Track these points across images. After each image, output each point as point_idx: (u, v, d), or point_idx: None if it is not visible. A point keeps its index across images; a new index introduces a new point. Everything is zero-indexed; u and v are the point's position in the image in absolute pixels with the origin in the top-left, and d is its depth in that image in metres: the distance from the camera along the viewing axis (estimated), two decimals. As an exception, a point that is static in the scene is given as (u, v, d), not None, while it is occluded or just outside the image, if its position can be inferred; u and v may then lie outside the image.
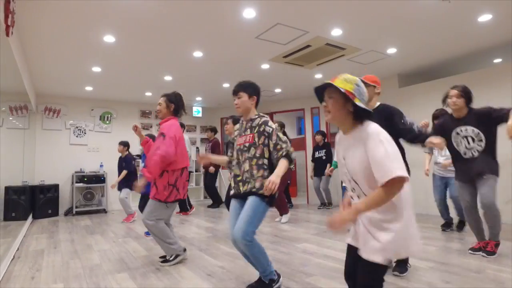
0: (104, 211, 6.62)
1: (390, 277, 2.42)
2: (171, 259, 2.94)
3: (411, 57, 4.85)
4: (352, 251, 1.38)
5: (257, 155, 2.14)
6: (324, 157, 6.18)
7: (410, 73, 5.63)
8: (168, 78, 5.53)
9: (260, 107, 2.37)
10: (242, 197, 2.20)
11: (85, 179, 6.48)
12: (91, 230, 4.70)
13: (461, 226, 3.93)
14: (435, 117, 3.89)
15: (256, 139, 2.16)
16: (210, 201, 7.28)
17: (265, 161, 2.14)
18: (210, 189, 6.86)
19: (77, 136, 6.79)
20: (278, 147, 2.12)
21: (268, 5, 3.14)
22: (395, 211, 1.27)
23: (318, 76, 5.64)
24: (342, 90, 1.32)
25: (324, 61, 4.85)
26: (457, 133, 2.88)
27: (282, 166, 2.09)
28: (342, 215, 1.26)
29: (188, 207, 6.00)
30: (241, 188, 2.20)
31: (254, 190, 2.11)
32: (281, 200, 5.02)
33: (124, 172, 5.34)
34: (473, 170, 2.81)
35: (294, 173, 8.13)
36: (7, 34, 2.54)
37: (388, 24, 3.66)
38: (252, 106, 2.26)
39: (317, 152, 6.30)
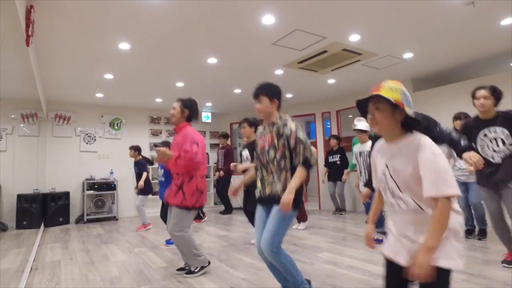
0: (115, 218, 6.57)
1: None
2: (196, 270, 2.88)
3: (426, 62, 4.78)
4: (395, 267, 1.30)
5: (278, 157, 2.07)
6: (338, 162, 6.10)
7: (425, 77, 5.56)
8: (179, 84, 5.49)
9: None
10: (266, 202, 2.14)
11: (96, 186, 6.43)
12: (104, 240, 4.64)
13: (482, 233, 3.83)
14: (456, 118, 3.80)
15: (276, 141, 2.09)
16: (220, 208, 7.22)
17: (288, 163, 2.06)
18: (223, 196, 6.80)
19: (87, 143, 6.76)
20: (296, 151, 2.05)
21: (288, 11, 3.09)
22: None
23: (331, 81, 5.59)
24: (392, 101, 1.25)
25: (339, 67, 4.79)
26: (485, 135, 2.73)
27: (297, 177, 2.02)
28: (422, 263, 1.15)
29: (202, 215, 5.93)
30: (266, 190, 2.13)
31: (278, 195, 2.04)
32: (301, 210, 4.93)
33: (144, 174, 5.21)
34: (497, 175, 2.69)
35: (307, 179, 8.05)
36: (27, 44, 2.50)
37: (407, 29, 3.60)
38: (274, 110, 2.17)
39: (331, 156, 6.21)
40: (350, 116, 7.49)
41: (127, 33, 3.48)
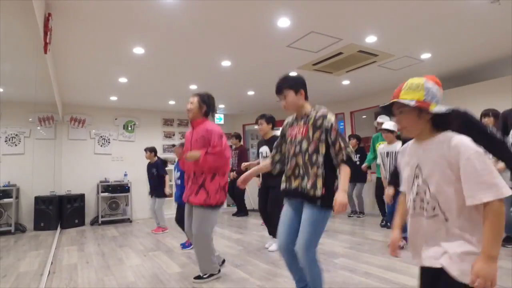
0: (129, 220, 6.63)
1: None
2: (204, 276, 2.84)
3: (445, 62, 4.66)
4: (430, 273, 1.19)
5: (310, 150, 1.90)
6: (358, 162, 5.95)
7: (443, 77, 5.38)
8: (193, 86, 5.49)
9: (283, 114, 2.15)
10: (294, 196, 1.99)
11: (110, 188, 6.50)
12: (119, 242, 4.67)
13: (508, 241, 3.68)
14: (484, 115, 3.62)
15: (310, 133, 1.91)
16: (233, 209, 7.20)
17: (320, 158, 1.89)
18: (239, 197, 6.75)
19: (101, 146, 6.84)
20: (337, 147, 1.87)
21: (304, 13, 3.05)
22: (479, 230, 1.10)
23: (346, 82, 5.50)
24: (411, 104, 1.17)
25: (354, 68, 4.71)
26: None
27: (345, 177, 1.87)
28: (483, 273, 1.03)
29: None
30: (293, 183, 1.98)
31: (306, 191, 1.89)
32: None
33: (167, 177, 5.16)
34: None
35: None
36: (45, 51, 2.53)
37: (426, 29, 3.50)
38: (303, 101, 2.00)
39: None
40: (364, 116, 7.39)
41: (141, 38, 3.49)
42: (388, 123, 3.83)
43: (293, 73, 2.11)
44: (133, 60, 4.12)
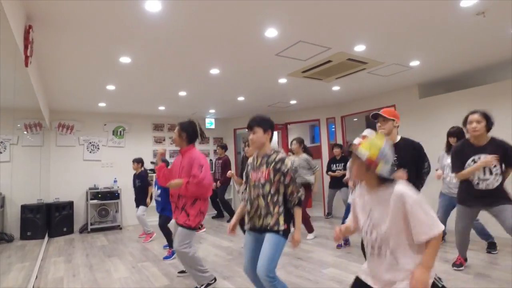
0: (119, 227, 6.54)
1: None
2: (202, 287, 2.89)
3: (433, 69, 4.68)
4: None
5: (272, 191, 2.12)
6: (342, 170, 6.02)
7: (432, 83, 5.45)
8: (182, 93, 5.44)
9: (274, 118, 2.31)
10: (257, 231, 2.20)
11: (99, 195, 6.41)
12: (108, 252, 4.60)
13: (492, 246, 3.73)
14: (450, 134, 3.75)
15: (272, 176, 2.12)
16: (214, 213, 7.16)
17: (280, 198, 2.13)
18: (224, 203, 6.75)
19: (90, 152, 6.74)
20: (289, 190, 2.12)
21: (291, 23, 3.02)
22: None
23: (336, 88, 5.50)
24: (363, 158, 1.40)
25: (344, 75, 4.70)
26: (474, 161, 2.74)
27: (298, 217, 2.16)
28: (421, 279, 1.30)
29: (200, 226, 5.87)
30: (256, 223, 2.18)
31: (269, 228, 2.11)
32: (305, 219, 4.83)
33: (150, 188, 5.28)
34: (487, 200, 2.74)
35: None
36: (26, 65, 2.46)
37: (414, 38, 3.51)
38: (267, 141, 2.23)
39: (334, 165, 6.10)
40: (355, 119, 7.41)
41: (127, 47, 3.43)
42: (368, 131, 3.82)
43: (265, 115, 2.30)
44: (120, 68, 4.06)
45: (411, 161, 2.32)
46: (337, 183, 5.95)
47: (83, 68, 3.99)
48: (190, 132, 2.99)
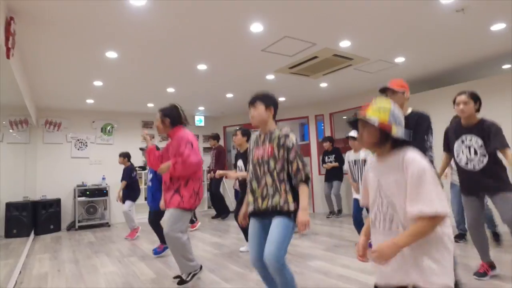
0: (107, 224, 6.50)
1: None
2: (188, 279, 2.82)
3: (419, 65, 4.76)
4: None
5: (278, 168, 2.01)
6: (334, 162, 6.08)
7: (417, 80, 5.54)
8: (170, 90, 5.44)
9: None
10: (262, 215, 2.06)
11: (88, 192, 6.36)
12: (95, 249, 4.58)
13: (496, 237, 3.76)
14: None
15: (276, 152, 2.02)
16: (214, 212, 7.14)
17: (286, 175, 2.01)
18: (217, 198, 6.70)
19: (78, 149, 6.69)
20: (295, 166, 1.99)
21: (277, 19, 3.05)
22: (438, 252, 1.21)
23: (324, 85, 5.55)
24: (376, 124, 1.27)
25: (331, 71, 4.76)
26: (462, 141, 2.71)
27: (305, 195, 1.98)
28: (381, 251, 1.18)
29: (194, 219, 5.85)
30: (260, 204, 2.03)
31: (279, 208, 1.97)
32: None
33: (123, 183, 5.19)
34: (480, 184, 2.63)
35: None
36: (8, 57, 2.44)
37: (398, 35, 3.57)
38: (270, 118, 2.11)
39: (327, 157, 6.18)
40: (344, 117, 7.48)
41: (113, 42, 3.42)
42: (354, 131, 3.86)
43: (270, 92, 2.19)
44: (106, 64, 4.04)
45: (414, 132, 2.08)
46: (331, 176, 6.04)
47: (68, 62, 3.96)
48: (173, 116, 2.87)
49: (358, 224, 3.65)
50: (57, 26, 3.01)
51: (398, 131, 1.27)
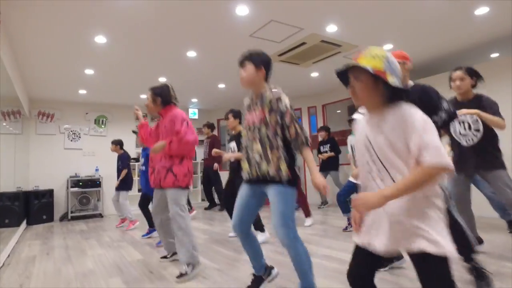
0: (100, 215, 6.52)
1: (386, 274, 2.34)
2: (190, 272, 2.57)
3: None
4: (365, 251, 1.19)
5: (270, 134, 1.86)
6: (328, 152, 6.03)
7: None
8: (162, 79, 5.45)
9: None
10: (257, 183, 1.92)
11: (80, 183, 6.38)
12: (86, 235, 4.60)
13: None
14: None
15: (268, 117, 1.86)
16: (207, 204, 7.11)
17: (280, 141, 1.86)
18: (220, 194, 6.53)
19: (71, 141, 6.70)
20: (292, 130, 1.85)
21: (262, 1, 3.08)
22: (436, 202, 1.11)
23: (315, 74, 5.58)
24: (370, 70, 1.11)
25: (320, 59, 4.79)
26: None
27: (311, 158, 1.86)
28: (366, 199, 1.09)
29: (189, 208, 5.83)
30: (254, 172, 1.90)
31: (271, 177, 1.83)
32: (304, 202, 4.67)
33: (125, 171, 5.15)
34: (472, 160, 2.60)
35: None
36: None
37: (383, 20, 3.61)
38: (261, 80, 1.94)
39: (322, 147, 6.16)
40: (338, 111, 7.50)
41: (101, 26, 3.44)
42: (357, 115, 3.88)
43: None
44: (96, 49, 4.06)
45: (423, 107, 1.99)
46: (327, 165, 5.99)
47: (58, 48, 3.97)
48: (165, 94, 2.82)
49: (342, 203, 3.72)
50: (43, 9, 3.02)
51: (395, 81, 1.13)
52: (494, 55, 5.05)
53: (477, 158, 2.60)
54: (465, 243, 2.04)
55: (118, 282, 2.54)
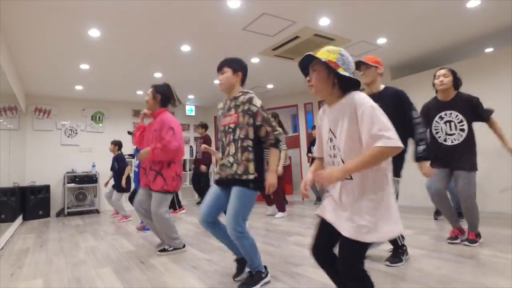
0: (97, 211, 6.54)
1: (382, 265, 2.35)
2: (170, 249, 3.00)
3: (402, 48, 4.80)
4: (327, 225, 1.35)
5: (242, 136, 1.98)
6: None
7: (402, 65, 5.59)
8: (158, 75, 5.47)
9: None
10: (225, 184, 2.06)
11: (77, 179, 6.40)
12: (81, 229, 4.62)
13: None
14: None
15: (241, 119, 1.99)
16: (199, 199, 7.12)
17: (250, 142, 1.98)
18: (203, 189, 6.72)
19: (68, 137, 6.72)
20: (263, 131, 1.98)
21: (252, -7, 3.09)
22: (381, 190, 1.24)
23: (310, 70, 5.59)
24: (323, 60, 1.27)
25: (314, 54, 4.79)
26: (441, 117, 2.76)
27: (274, 158, 2.02)
28: (331, 172, 1.20)
29: (178, 206, 5.88)
30: (224, 173, 2.05)
31: (237, 176, 1.97)
32: (278, 197, 4.93)
33: (128, 168, 5.25)
34: (453, 158, 2.69)
35: (290, 171, 8.06)
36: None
37: (376, 14, 3.61)
38: (237, 83, 2.08)
39: (313, 146, 6.21)
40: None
41: (94, 19, 3.46)
42: None
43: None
44: (90, 43, 4.07)
45: (395, 111, 2.08)
46: None
47: (51, 42, 3.99)
48: (165, 94, 2.99)
49: None
50: (37, 1, 3.04)
51: (345, 72, 1.27)
52: (489, 50, 5.05)
53: (458, 155, 2.69)
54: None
55: (108, 271, 2.55)
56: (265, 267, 2.15)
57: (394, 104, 2.20)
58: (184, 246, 3.08)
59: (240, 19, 3.59)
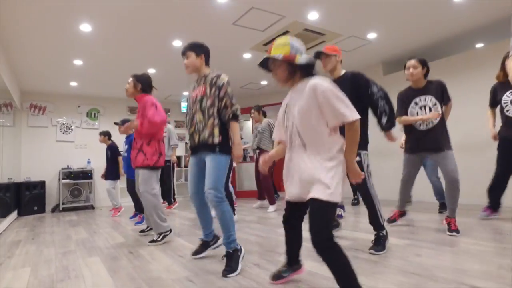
0: (92, 207, 6.58)
1: (365, 254, 2.38)
2: (159, 239, 3.05)
3: (393, 43, 4.84)
4: (293, 204, 1.61)
5: (208, 104, 2.18)
6: None
7: (394, 60, 5.62)
8: (151, 70, 5.50)
9: (247, 100, 2.42)
10: (198, 150, 2.25)
11: (72, 175, 6.44)
12: (74, 223, 4.66)
13: (444, 207, 3.90)
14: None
15: (208, 90, 2.20)
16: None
17: (215, 110, 2.18)
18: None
19: (63, 133, 6.76)
20: (223, 103, 2.17)
21: (240, -14, 3.12)
22: (338, 156, 1.42)
23: (302, 65, 5.62)
24: (280, 58, 1.43)
25: (306, 49, 4.82)
26: (416, 103, 2.85)
27: (236, 130, 2.20)
28: (352, 170, 1.44)
29: (172, 200, 5.92)
30: (195, 140, 2.24)
31: (204, 140, 2.16)
32: (268, 191, 5.00)
33: (120, 158, 5.27)
34: (429, 142, 2.78)
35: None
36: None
37: (365, 7, 3.64)
38: (202, 65, 2.30)
39: None
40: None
41: (86, 14, 3.49)
42: None
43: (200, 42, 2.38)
44: (82, 39, 4.11)
45: (354, 92, 2.23)
46: None
47: (44, 37, 4.02)
48: (146, 83, 3.14)
49: None
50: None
51: (301, 59, 1.43)
52: (479, 45, 5.08)
53: (432, 139, 2.78)
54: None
55: (96, 261, 2.59)
56: (241, 247, 2.23)
57: (353, 85, 2.37)
58: (170, 230, 3.15)
59: (229, 13, 3.62)
